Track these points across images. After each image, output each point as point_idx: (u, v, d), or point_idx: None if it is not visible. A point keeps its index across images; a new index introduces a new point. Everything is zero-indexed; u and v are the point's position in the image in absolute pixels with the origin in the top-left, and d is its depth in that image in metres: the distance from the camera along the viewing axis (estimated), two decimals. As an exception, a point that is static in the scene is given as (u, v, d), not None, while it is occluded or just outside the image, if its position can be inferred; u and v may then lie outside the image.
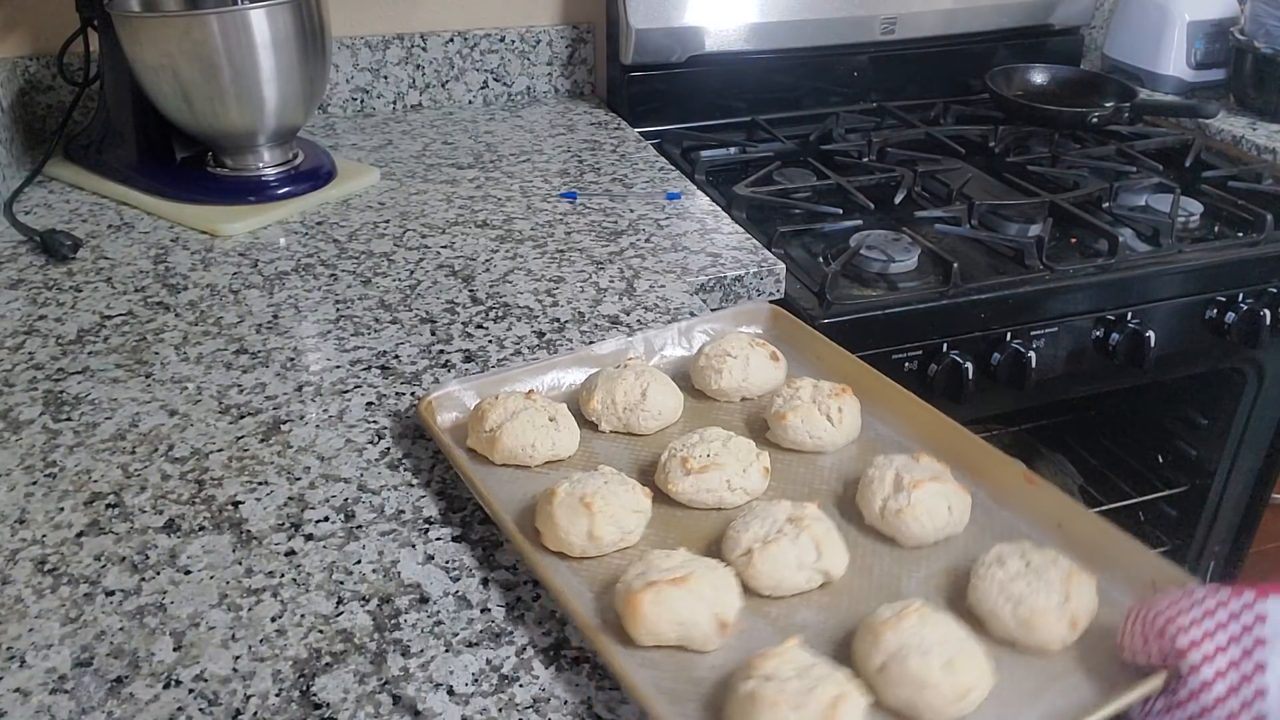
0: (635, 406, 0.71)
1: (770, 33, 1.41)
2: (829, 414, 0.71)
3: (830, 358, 0.80)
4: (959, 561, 0.61)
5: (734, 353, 0.76)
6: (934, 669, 0.50)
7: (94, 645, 0.56)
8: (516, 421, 0.68)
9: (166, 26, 1.02)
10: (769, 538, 0.59)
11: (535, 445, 0.68)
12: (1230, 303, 1.16)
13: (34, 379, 0.80)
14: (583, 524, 0.60)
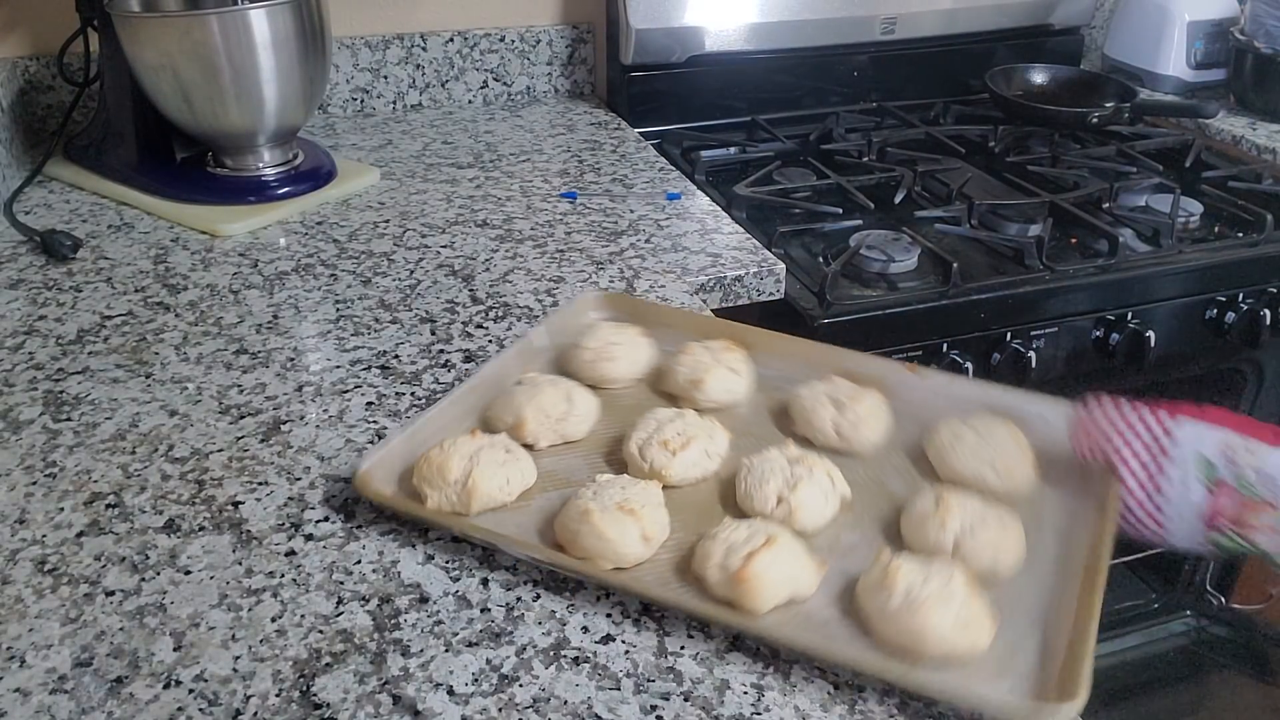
0: (566, 415, 0.71)
1: (770, 33, 1.41)
2: (732, 368, 0.75)
3: (679, 322, 0.84)
4: (912, 450, 0.71)
5: (616, 339, 0.78)
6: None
7: (94, 645, 0.56)
8: (483, 464, 0.64)
9: (166, 26, 1.02)
10: (791, 484, 0.64)
11: (509, 481, 0.65)
12: (1230, 303, 1.16)
13: (34, 379, 0.80)
14: (633, 530, 0.60)
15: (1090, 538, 0.62)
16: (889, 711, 0.53)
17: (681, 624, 0.58)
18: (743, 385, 0.76)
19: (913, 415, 0.74)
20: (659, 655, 0.56)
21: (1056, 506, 0.66)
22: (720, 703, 0.53)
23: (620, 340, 0.78)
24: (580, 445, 0.72)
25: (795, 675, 0.55)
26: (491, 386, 0.75)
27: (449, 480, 0.63)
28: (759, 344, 0.79)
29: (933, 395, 0.75)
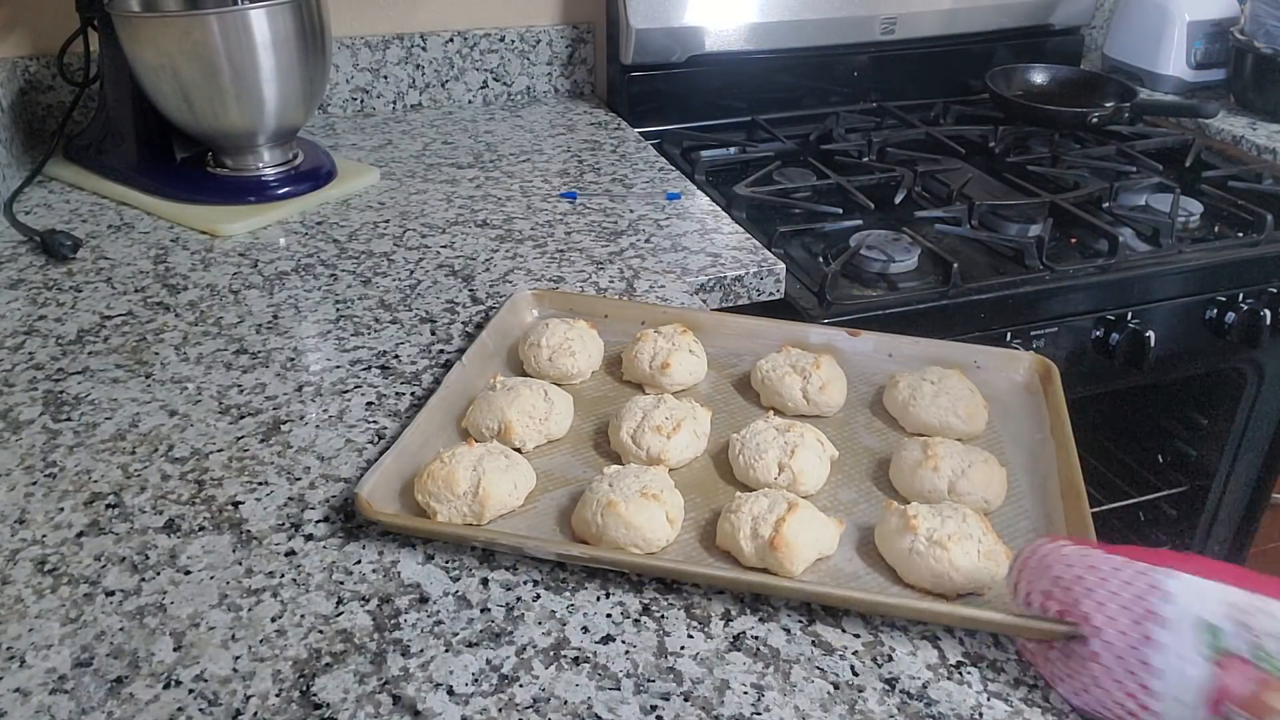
0: (548, 414, 0.71)
1: (770, 33, 1.41)
2: (690, 350, 0.78)
3: (616, 311, 0.86)
4: (872, 406, 0.78)
5: (570, 335, 0.79)
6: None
7: (94, 645, 0.56)
8: (489, 471, 0.64)
9: (166, 26, 1.02)
10: (789, 451, 0.67)
11: (516, 485, 0.65)
12: (1230, 303, 1.16)
13: (34, 379, 0.80)
14: (658, 514, 0.61)
15: (1059, 464, 0.69)
16: (889, 711, 0.53)
17: (681, 624, 0.58)
18: (702, 365, 0.80)
19: (863, 375, 0.80)
20: (659, 655, 0.56)
21: (1012, 444, 0.73)
22: (720, 703, 0.53)
23: (573, 335, 0.79)
24: (563, 442, 0.73)
25: (795, 675, 0.55)
26: (459, 395, 0.75)
27: (458, 492, 0.63)
28: (704, 325, 0.84)
29: (876, 354, 0.82)
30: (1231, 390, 1.30)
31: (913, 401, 0.74)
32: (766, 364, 0.77)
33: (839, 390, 0.76)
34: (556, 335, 0.78)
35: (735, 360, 0.82)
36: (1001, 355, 0.81)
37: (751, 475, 0.67)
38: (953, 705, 0.53)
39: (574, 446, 0.72)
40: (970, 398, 0.74)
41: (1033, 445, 0.73)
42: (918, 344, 0.82)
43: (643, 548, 0.61)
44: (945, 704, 0.53)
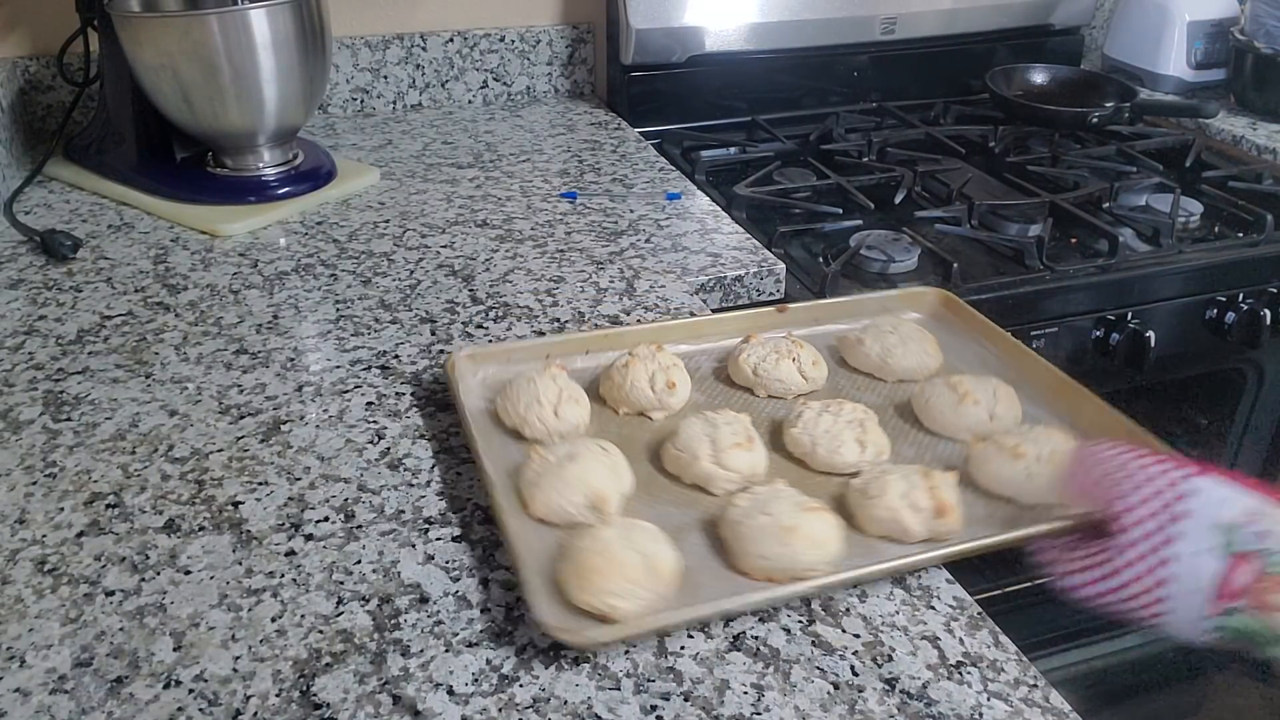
0: (619, 473, 0.66)
1: (770, 33, 1.41)
2: (675, 364, 0.76)
3: (555, 349, 0.81)
4: (841, 365, 0.83)
5: (560, 383, 0.73)
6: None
7: (94, 645, 0.56)
8: (649, 544, 0.58)
9: (166, 26, 1.02)
10: (861, 429, 0.70)
11: (672, 550, 0.59)
12: (1230, 303, 1.16)
13: (34, 379, 0.80)
14: (831, 524, 0.60)
15: (1025, 369, 0.79)
16: (889, 711, 0.53)
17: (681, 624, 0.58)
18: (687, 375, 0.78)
19: (815, 343, 0.82)
20: (659, 655, 0.56)
21: (967, 365, 0.81)
22: (720, 703, 0.53)
23: (561, 383, 0.73)
24: (638, 493, 0.67)
25: (795, 675, 0.55)
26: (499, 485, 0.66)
27: (633, 578, 0.56)
28: (670, 334, 0.83)
29: (817, 323, 0.86)
30: (1231, 390, 1.30)
31: (889, 354, 0.79)
32: (749, 356, 0.78)
33: (821, 363, 0.79)
34: (550, 390, 0.71)
35: (704, 359, 0.82)
36: (906, 294, 0.89)
37: (838, 460, 0.68)
38: (953, 705, 0.53)
39: (650, 493, 0.67)
40: (925, 335, 0.80)
41: (984, 359, 0.82)
42: (834, 304, 0.89)
43: (833, 561, 0.59)
44: (945, 704, 0.53)
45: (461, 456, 0.71)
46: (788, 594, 0.58)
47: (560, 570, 0.57)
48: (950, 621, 0.58)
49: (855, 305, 0.88)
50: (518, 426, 0.71)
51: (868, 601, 0.59)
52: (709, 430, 0.68)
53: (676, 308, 0.91)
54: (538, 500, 0.63)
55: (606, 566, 0.55)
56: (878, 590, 0.60)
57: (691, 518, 0.64)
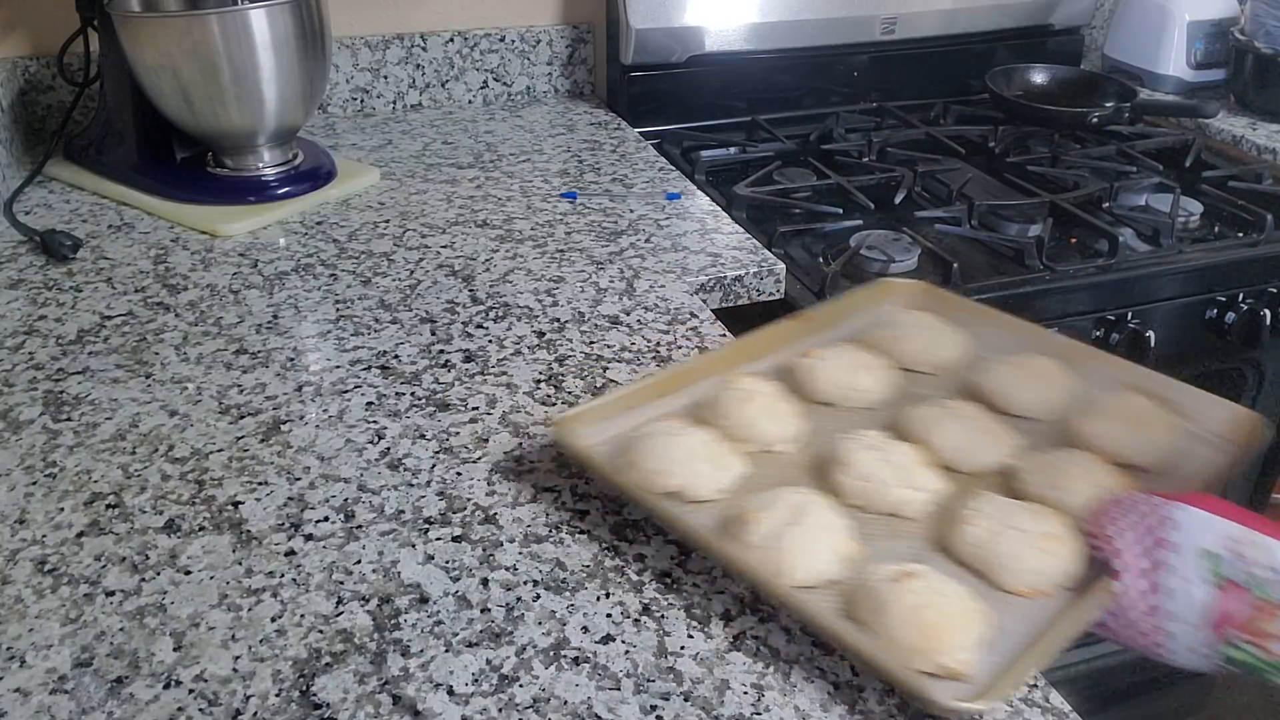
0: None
1: (770, 33, 1.41)
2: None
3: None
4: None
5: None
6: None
7: (94, 645, 0.56)
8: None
9: (166, 26, 1.02)
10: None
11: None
12: (1230, 303, 1.16)
13: (34, 379, 0.80)
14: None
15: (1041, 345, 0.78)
16: (889, 711, 0.53)
17: (681, 624, 0.58)
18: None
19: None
20: (659, 655, 0.56)
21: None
22: (720, 703, 0.53)
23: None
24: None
25: (795, 675, 0.55)
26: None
27: (974, 627, 0.54)
28: (728, 363, 0.79)
29: (830, 328, 0.83)
30: (1231, 390, 1.30)
31: (932, 345, 0.80)
32: (826, 371, 0.75)
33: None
34: (698, 443, 0.66)
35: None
36: (886, 287, 0.88)
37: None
38: (953, 705, 0.53)
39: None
40: (940, 323, 0.82)
41: (1000, 340, 0.80)
42: (833, 306, 0.86)
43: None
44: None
45: (462, 456, 0.71)
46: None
47: (886, 636, 0.53)
48: (950, 621, 0.58)
49: (849, 304, 0.86)
50: (680, 488, 0.64)
51: (868, 601, 0.59)
52: (879, 454, 0.65)
53: (676, 308, 0.91)
54: (800, 566, 0.58)
55: (948, 622, 0.52)
56: (878, 590, 0.60)
57: (913, 548, 0.61)
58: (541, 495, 0.68)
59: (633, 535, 0.64)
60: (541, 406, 0.77)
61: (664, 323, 0.88)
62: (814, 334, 0.81)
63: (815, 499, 0.61)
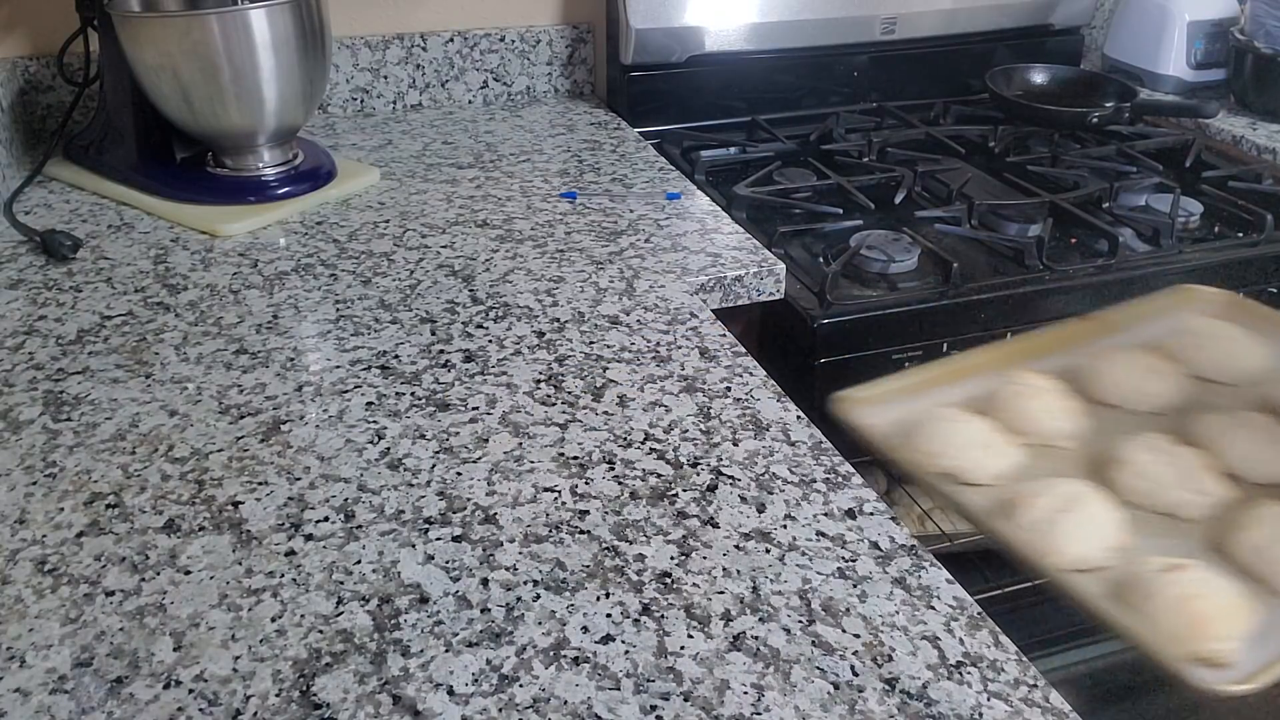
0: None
1: (770, 33, 1.41)
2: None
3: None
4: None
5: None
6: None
7: (94, 645, 0.56)
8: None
9: (166, 26, 1.02)
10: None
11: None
12: (1230, 303, 1.16)
13: (34, 379, 0.80)
14: None
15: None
16: (889, 711, 0.53)
17: (681, 624, 0.58)
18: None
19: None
20: (659, 655, 0.56)
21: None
22: (720, 703, 0.53)
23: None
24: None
25: (795, 675, 0.55)
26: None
27: (1239, 617, 0.57)
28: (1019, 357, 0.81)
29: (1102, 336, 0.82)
30: (1231, 390, 1.30)
31: (1231, 358, 0.78)
32: (1114, 371, 0.76)
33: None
34: (977, 430, 0.71)
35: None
36: (1179, 295, 0.84)
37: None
38: (953, 705, 0.53)
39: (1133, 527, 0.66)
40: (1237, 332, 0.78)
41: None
42: (1109, 315, 0.85)
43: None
44: (945, 704, 0.53)
45: (462, 456, 0.71)
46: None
47: (1152, 621, 0.56)
48: (950, 621, 0.58)
49: (1147, 309, 0.86)
50: (953, 470, 0.69)
51: (868, 601, 0.59)
52: (1162, 456, 0.66)
53: (676, 308, 0.91)
54: (1069, 550, 0.61)
55: (1216, 613, 0.55)
56: (877, 590, 0.60)
57: (1187, 547, 0.62)
58: (541, 495, 0.68)
59: (633, 535, 0.64)
60: (541, 406, 0.77)
61: (664, 323, 0.88)
62: (1106, 336, 0.81)
63: (1089, 490, 0.63)
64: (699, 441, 0.73)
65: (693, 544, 0.64)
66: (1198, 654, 0.53)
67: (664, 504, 0.67)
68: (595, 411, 0.76)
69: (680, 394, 0.79)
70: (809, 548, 0.63)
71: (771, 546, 0.63)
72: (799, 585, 0.60)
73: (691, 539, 0.64)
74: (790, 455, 0.72)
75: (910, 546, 0.64)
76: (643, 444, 0.73)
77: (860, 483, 0.69)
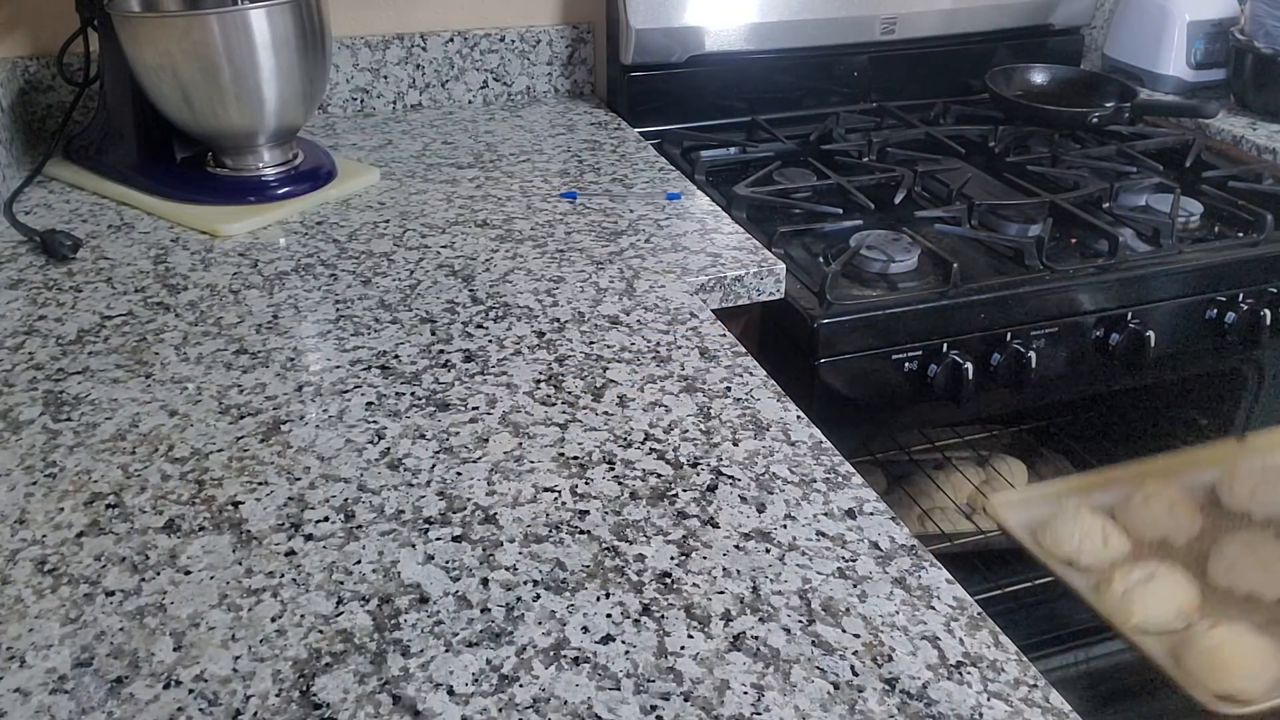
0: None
1: (770, 33, 1.41)
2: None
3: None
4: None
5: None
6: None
7: (94, 645, 0.56)
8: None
9: (166, 26, 1.02)
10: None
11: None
12: (1230, 303, 1.16)
13: (34, 379, 0.80)
14: None
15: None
16: (889, 711, 0.53)
17: (681, 624, 0.58)
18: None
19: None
20: (659, 655, 0.56)
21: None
22: (720, 703, 0.53)
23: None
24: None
25: (795, 675, 0.55)
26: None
27: (1257, 665, 0.73)
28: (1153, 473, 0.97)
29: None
30: (1231, 390, 1.30)
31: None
32: (1246, 483, 0.92)
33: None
34: (1095, 525, 0.89)
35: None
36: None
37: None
38: (953, 705, 0.53)
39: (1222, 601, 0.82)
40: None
41: None
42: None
43: None
44: (945, 704, 0.53)
45: (462, 456, 0.71)
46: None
47: (1184, 666, 0.71)
48: (950, 621, 0.58)
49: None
50: (1071, 557, 0.86)
51: (868, 601, 0.59)
52: (1251, 551, 0.79)
53: (676, 308, 0.91)
54: (1139, 613, 0.77)
55: (1237, 660, 0.69)
56: (877, 590, 0.60)
57: (1257, 620, 0.73)
58: (541, 495, 0.68)
59: (633, 535, 0.64)
60: (541, 406, 0.77)
61: (664, 323, 0.88)
62: (1254, 457, 0.95)
63: (1170, 569, 0.80)
64: (699, 441, 0.73)
65: (693, 544, 0.64)
66: (1218, 692, 0.66)
67: (664, 504, 0.67)
68: (595, 411, 0.76)
69: (680, 394, 0.79)
70: (809, 548, 0.63)
71: (771, 546, 0.63)
72: (799, 585, 0.60)
73: (691, 539, 0.64)
74: (790, 455, 0.72)
75: (910, 546, 0.64)
76: (643, 444, 0.73)
77: (860, 483, 0.69)
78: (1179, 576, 0.79)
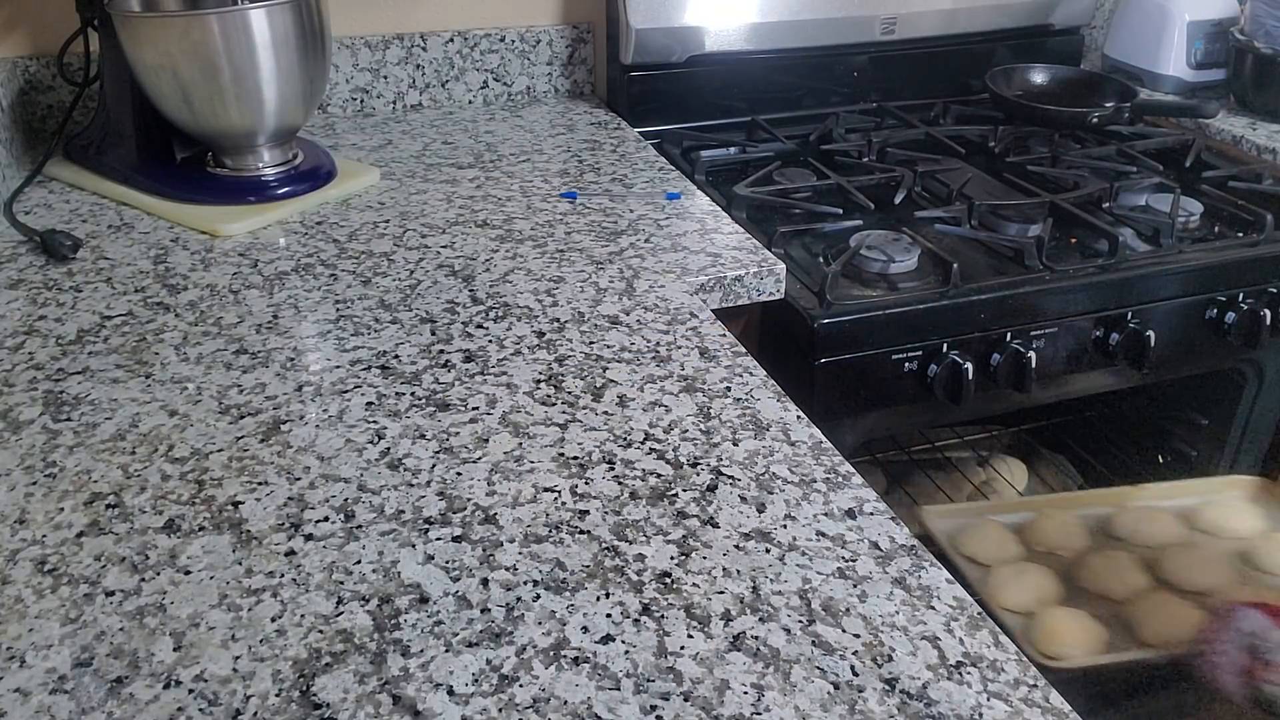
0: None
1: (770, 33, 1.41)
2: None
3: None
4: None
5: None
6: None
7: (94, 645, 0.56)
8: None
9: (166, 26, 1.02)
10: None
11: None
12: (1230, 303, 1.16)
13: (34, 379, 0.80)
14: None
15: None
16: (889, 711, 0.53)
17: (681, 624, 0.58)
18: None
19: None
20: (659, 655, 0.56)
21: None
22: (720, 703, 0.53)
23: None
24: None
25: (795, 675, 0.55)
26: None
27: (1078, 639, 0.96)
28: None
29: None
30: (1231, 390, 1.30)
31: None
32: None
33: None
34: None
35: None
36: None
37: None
38: (953, 705, 0.53)
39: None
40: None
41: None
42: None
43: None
44: (945, 704, 0.53)
45: (462, 456, 0.71)
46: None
47: (1030, 635, 0.94)
48: (950, 621, 0.58)
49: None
50: (973, 555, 1.06)
51: (868, 601, 0.59)
52: (1109, 560, 1.00)
53: (676, 308, 0.91)
54: (1007, 597, 1.00)
55: (1065, 633, 0.93)
56: (878, 590, 0.60)
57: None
58: (541, 495, 0.68)
59: (633, 535, 0.64)
60: (541, 406, 0.77)
61: (664, 323, 0.88)
62: (1142, 498, 1.11)
63: (1040, 569, 1.00)
64: (699, 441, 0.73)
65: (693, 544, 0.64)
66: (1046, 653, 0.91)
67: (664, 504, 0.67)
68: (595, 411, 0.77)
69: (680, 394, 0.79)
70: (809, 548, 0.63)
71: (771, 546, 0.63)
72: (799, 585, 0.60)
73: (691, 539, 0.64)
74: (790, 455, 0.72)
75: (910, 546, 0.64)
76: (643, 444, 0.73)
77: (860, 483, 0.69)
78: (1046, 574, 1.00)
